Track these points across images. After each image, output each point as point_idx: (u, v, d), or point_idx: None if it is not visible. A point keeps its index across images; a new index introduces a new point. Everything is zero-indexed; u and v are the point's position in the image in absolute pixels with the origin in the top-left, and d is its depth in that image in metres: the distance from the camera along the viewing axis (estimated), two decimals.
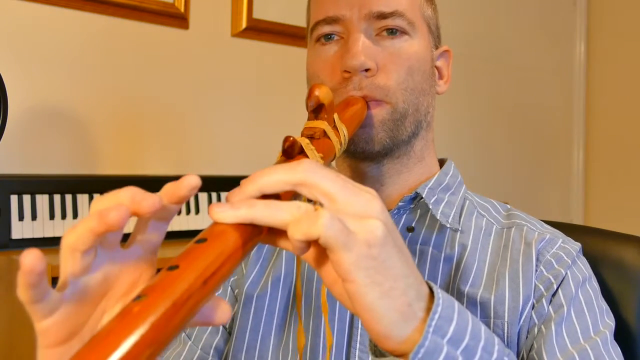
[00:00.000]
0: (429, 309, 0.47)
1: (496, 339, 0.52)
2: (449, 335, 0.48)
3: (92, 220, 0.39)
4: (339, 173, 0.47)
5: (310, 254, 0.47)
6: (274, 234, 0.46)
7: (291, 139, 0.53)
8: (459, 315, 0.49)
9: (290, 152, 0.53)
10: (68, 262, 0.41)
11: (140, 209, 0.41)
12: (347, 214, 0.44)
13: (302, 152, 0.54)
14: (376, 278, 0.44)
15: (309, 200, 0.46)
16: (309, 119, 0.60)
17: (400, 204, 0.74)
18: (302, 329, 0.71)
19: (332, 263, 0.44)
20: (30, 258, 0.38)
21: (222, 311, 0.43)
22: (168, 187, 0.44)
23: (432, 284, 0.50)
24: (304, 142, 0.55)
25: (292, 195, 0.48)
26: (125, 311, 0.38)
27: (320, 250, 0.46)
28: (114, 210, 0.39)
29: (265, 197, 0.46)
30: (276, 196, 0.46)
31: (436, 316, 0.47)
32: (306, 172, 0.45)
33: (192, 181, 0.43)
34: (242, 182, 0.46)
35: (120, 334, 0.36)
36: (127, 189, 0.41)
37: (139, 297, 0.38)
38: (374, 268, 0.44)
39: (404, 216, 0.75)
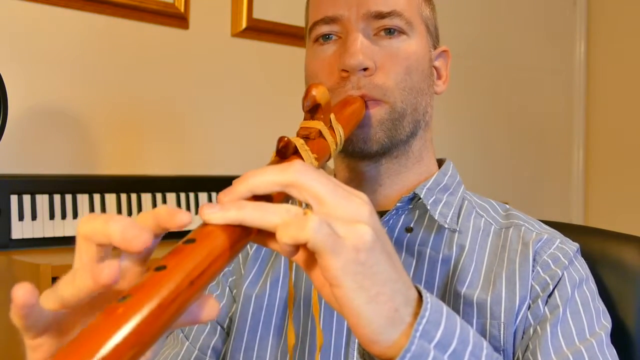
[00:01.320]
0: (416, 314, 0.47)
1: (485, 344, 0.52)
2: (436, 340, 0.47)
3: (87, 279, 0.39)
4: (330, 176, 0.47)
5: (300, 257, 0.47)
6: (264, 234, 0.46)
7: (285, 139, 0.52)
8: (447, 320, 0.49)
9: (284, 152, 0.52)
10: (67, 304, 0.42)
11: (130, 248, 0.40)
12: (335, 218, 0.44)
13: (296, 153, 0.54)
14: (364, 283, 0.44)
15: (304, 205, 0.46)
16: (305, 119, 0.60)
17: (398, 204, 0.74)
18: (293, 329, 0.71)
19: (320, 267, 0.44)
20: (22, 292, 0.38)
21: (210, 309, 0.42)
22: (162, 213, 0.42)
23: (421, 288, 0.50)
24: (299, 143, 0.54)
25: (284, 197, 0.48)
26: (109, 311, 0.37)
27: (309, 253, 0.45)
28: (106, 268, 0.39)
29: (257, 197, 0.46)
30: (268, 197, 0.46)
31: (423, 321, 0.47)
32: (297, 174, 0.45)
33: (184, 219, 0.42)
34: (234, 181, 0.46)
35: (103, 334, 0.36)
36: (119, 221, 0.40)
37: (124, 297, 0.38)
38: (361, 273, 0.44)
39: (402, 217, 0.75)
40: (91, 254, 0.42)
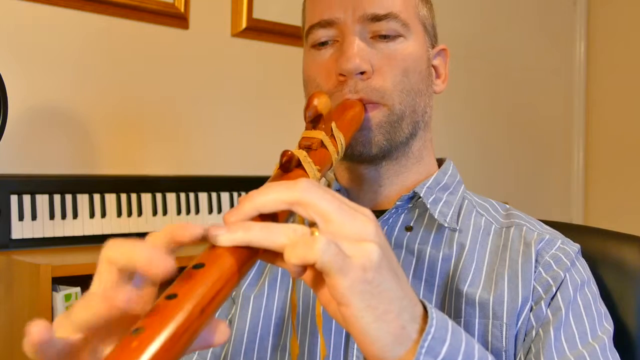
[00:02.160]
0: (422, 330, 0.48)
1: (490, 358, 0.52)
2: (441, 356, 0.48)
3: (100, 303, 0.40)
4: (335, 193, 0.47)
5: (307, 276, 0.47)
6: (271, 253, 0.46)
7: (289, 153, 0.53)
8: (452, 335, 0.49)
9: (288, 166, 0.53)
10: (80, 329, 0.42)
11: (154, 274, 0.41)
12: (342, 237, 0.45)
13: (299, 166, 0.54)
14: (371, 302, 0.44)
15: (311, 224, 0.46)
16: (306, 129, 0.60)
17: (398, 203, 0.74)
18: (296, 340, 0.71)
19: (328, 287, 0.44)
20: (37, 330, 0.39)
21: (220, 333, 0.43)
22: (174, 228, 0.43)
23: (426, 303, 0.50)
24: (301, 156, 0.55)
25: (289, 213, 0.48)
26: (124, 345, 0.38)
27: (316, 272, 0.46)
28: (120, 293, 0.39)
29: (262, 216, 0.46)
30: (273, 215, 0.47)
31: (429, 337, 0.47)
32: (303, 192, 0.45)
33: (196, 232, 0.43)
34: (240, 200, 0.47)
35: None
36: (145, 247, 0.41)
37: (137, 329, 0.39)
38: (369, 292, 0.44)
39: (402, 215, 0.75)
40: (112, 278, 0.43)
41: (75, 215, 1.46)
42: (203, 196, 1.66)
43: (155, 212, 1.58)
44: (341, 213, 0.45)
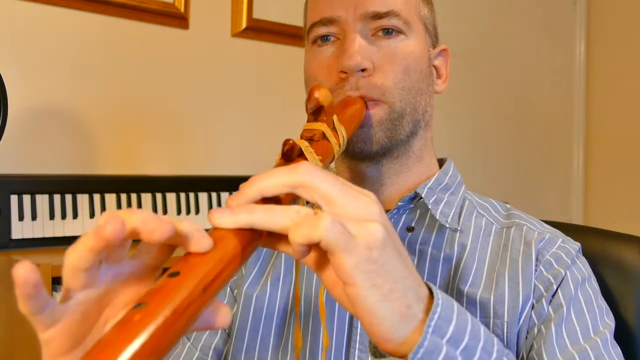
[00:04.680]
0: (428, 310, 0.48)
1: (495, 340, 0.52)
2: (448, 336, 0.48)
3: (89, 238, 0.39)
4: (337, 176, 0.47)
5: (310, 258, 0.47)
6: (274, 237, 0.46)
7: (290, 142, 0.53)
8: (458, 316, 0.49)
9: (290, 154, 0.53)
10: (71, 279, 0.42)
11: (152, 237, 0.40)
12: (346, 217, 0.44)
13: (301, 155, 0.55)
14: (376, 281, 0.44)
15: (308, 204, 0.46)
16: (308, 121, 0.61)
17: (399, 203, 0.74)
18: (299, 332, 0.71)
19: (333, 266, 0.44)
20: (22, 270, 0.38)
21: (223, 315, 0.43)
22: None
23: (431, 285, 0.50)
24: (303, 145, 0.55)
25: (292, 198, 0.48)
26: (126, 319, 0.38)
27: (320, 253, 0.46)
28: (109, 223, 0.39)
29: (265, 200, 0.46)
30: (276, 199, 0.47)
31: (435, 316, 0.47)
32: (305, 175, 0.45)
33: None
34: (242, 185, 0.46)
35: (121, 343, 0.37)
36: (141, 212, 0.41)
37: (139, 304, 0.39)
38: (374, 271, 0.44)
39: (404, 216, 0.75)
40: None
41: (75, 215, 1.46)
42: (203, 196, 1.66)
43: (155, 212, 1.58)
44: (344, 194, 0.45)
